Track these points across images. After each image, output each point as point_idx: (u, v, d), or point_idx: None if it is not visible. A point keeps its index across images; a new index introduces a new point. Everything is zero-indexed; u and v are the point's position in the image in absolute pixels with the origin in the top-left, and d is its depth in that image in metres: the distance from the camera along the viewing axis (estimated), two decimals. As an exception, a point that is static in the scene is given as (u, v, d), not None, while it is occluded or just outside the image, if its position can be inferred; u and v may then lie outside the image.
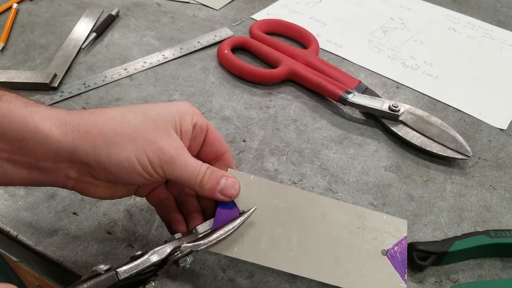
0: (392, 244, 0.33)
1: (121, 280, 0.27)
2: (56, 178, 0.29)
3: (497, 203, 0.42)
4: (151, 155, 0.28)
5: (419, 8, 0.70)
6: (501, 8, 0.71)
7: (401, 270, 0.32)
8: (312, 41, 0.58)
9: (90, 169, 0.29)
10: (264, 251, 0.31)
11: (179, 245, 0.30)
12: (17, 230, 0.37)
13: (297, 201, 0.33)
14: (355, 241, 0.32)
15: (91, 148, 0.28)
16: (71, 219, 0.38)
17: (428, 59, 0.60)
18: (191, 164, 0.30)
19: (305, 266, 0.31)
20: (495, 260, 0.38)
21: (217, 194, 0.31)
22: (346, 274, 0.31)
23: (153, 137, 0.29)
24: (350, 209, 0.34)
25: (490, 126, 0.51)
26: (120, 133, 0.28)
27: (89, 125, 0.28)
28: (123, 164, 0.28)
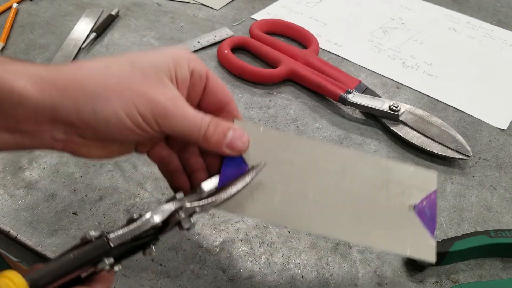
0: (420, 199, 0.30)
1: (114, 248, 0.25)
2: (41, 141, 0.26)
3: (498, 203, 0.42)
4: (142, 108, 0.25)
5: (419, 8, 0.70)
6: (501, 8, 0.71)
7: (430, 226, 0.29)
8: (312, 41, 0.58)
9: (76, 129, 0.25)
10: (277, 208, 0.29)
11: (181, 205, 0.27)
12: (17, 230, 0.37)
13: (313, 154, 0.30)
14: (378, 197, 0.30)
15: (73, 106, 0.24)
16: (71, 219, 0.38)
17: (428, 59, 0.60)
18: (191, 116, 0.27)
19: (322, 223, 0.29)
20: (496, 260, 0.38)
21: (224, 148, 0.28)
22: (368, 232, 0.29)
23: (143, 87, 0.25)
24: (373, 161, 0.31)
25: (490, 126, 0.50)
26: (103, 86, 0.25)
27: (69, 80, 0.24)
28: (110, 120, 0.25)
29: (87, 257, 0.24)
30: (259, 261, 0.36)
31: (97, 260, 0.25)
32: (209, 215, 0.39)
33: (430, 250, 0.29)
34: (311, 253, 0.37)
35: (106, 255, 0.25)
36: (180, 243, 0.37)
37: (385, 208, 0.30)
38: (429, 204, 0.30)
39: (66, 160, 0.43)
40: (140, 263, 0.36)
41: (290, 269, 0.36)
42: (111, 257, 0.25)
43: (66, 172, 0.42)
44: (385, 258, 0.37)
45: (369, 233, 0.29)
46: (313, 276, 0.36)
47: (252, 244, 0.38)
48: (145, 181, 0.42)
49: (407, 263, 0.37)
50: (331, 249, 0.38)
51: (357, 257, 0.37)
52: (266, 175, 0.29)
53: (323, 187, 0.30)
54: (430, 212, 0.30)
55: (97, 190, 0.41)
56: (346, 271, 0.36)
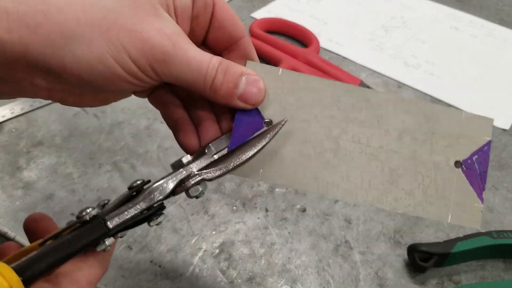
0: (470, 153, 0.26)
1: (113, 229, 0.22)
2: (22, 89, 0.22)
3: (500, 204, 0.42)
4: (133, 51, 0.20)
5: (420, 7, 0.69)
6: (504, 7, 0.71)
7: (479, 186, 0.26)
8: (312, 40, 0.58)
9: (57, 76, 0.21)
10: (298, 170, 0.25)
11: (187, 174, 0.24)
12: (15, 231, 0.37)
13: (343, 100, 0.26)
14: (420, 152, 0.26)
15: (48, 49, 0.19)
16: (69, 220, 0.38)
17: (429, 58, 0.59)
18: (196, 59, 0.22)
19: (351, 187, 0.25)
20: (498, 261, 0.37)
21: (236, 101, 0.23)
22: (404, 196, 0.25)
23: (134, 22, 0.20)
24: (416, 108, 0.26)
25: (492, 126, 0.50)
26: (84, 22, 0.20)
27: (40, 14, 0.19)
28: (95, 67, 0.20)
29: (83, 242, 0.22)
30: (259, 262, 0.36)
31: (96, 243, 0.22)
32: (208, 215, 0.39)
33: (475, 215, 0.25)
34: (312, 254, 0.37)
35: (104, 237, 0.22)
36: (179, 244, 0.37)
37: (427, 167, 0.25)
38: (480, 159, 0.26)
39: (64, 160, 0.43)
40: (139, 265, 0.35)
41: (291, 271, 0.36)
42: (110, 238, 0.22)
43: (64, 173, 0.42)
44: (386, 259, 0.37)
45: (405, 198, 0.25)
46: (313, 278, 0.35)
47: (252, 245, 0.37)
48: (144, 182, 0.41)
49: (408, 264, 0.36)
50: (332, 250, 0.37)
51: (358, 258, 0.37)
52: (286, 130, 0.25)
53: (353, 143, 0.26)
54: (481, 168, 0.26)
55: (96, 191, 0.40)
56: (347, 273, 0.36)
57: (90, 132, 0.46)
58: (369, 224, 0.39)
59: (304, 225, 0.39)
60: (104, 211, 0.23)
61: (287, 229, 0.39)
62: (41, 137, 0.45)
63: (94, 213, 0.22)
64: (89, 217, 0.22)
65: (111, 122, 0.47)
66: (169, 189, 0.23)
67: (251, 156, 0.24)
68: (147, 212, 0.23)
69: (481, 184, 0.26)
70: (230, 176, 0.43)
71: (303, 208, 0.40)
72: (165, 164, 0.43)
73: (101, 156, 0.43)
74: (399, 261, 0.37)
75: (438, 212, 0.25)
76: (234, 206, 0.40)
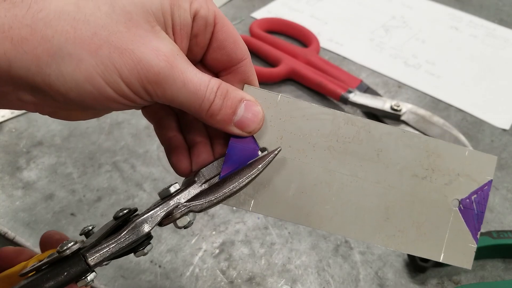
0: (470, 192, 0.25)
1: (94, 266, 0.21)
2: (8, 102, 0.20)
3: (500, 204, 0.42)
4: (125, 72, 0.19)
5: (421, 7, 0.69)
6: (504, 7, 0.71)
7: (475, 227, 0.25)
8: (312, 40, 0.58)
9: (44, 93, 0.19)
10: (291, 202, 0.24)
11: (175, 206, 0.23)
12: (15, 231, 0.37)
13: (343, 131, 0.24)
14: (418, 188, 0.25)
15: (34, 65, 0.18)
16: (69, 220, 0.38)
17: (430, 58, 0.59)
18: (193, 82, 0.20)
19: (345, 223, 0.24)
20: (497, 261, 0.37)
21: (232, 127, 0.22)
22: (398, 233, 0.24)
23: (127, 41, 0.19)
24: (418, 142, 0.25)
25: (492, 126, 0.50)
26: (73, 38, 0.18)
27: (26, 28, 0.18)
28: (83, 87, 0.19)
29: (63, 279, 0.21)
30: (259, 262, 0.36)
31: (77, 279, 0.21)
32: (208, 215, 0.39)
33: (467, 255, 0.25)
34: (312, 255, 0.37)
35: (85, 274, 0.21)
36: (179, 244, 0.37)
37: (424, 204, 0.25)
38: (479, 198, 0.25)
39: (64, 160, 0.43)
40: (139, 265, 0.35)
41: (291, 271, 0.36)
42: (92, 273, 0.22)
43: (64, 173, 0.42)
44: (386, 259, 0.37)
45: (399, 235, 0.25)
46: (314, 278, 0.35)
47: (252, 245, 0.37)
48: (144, 182, 0.41)
49: (408, 264, 0.36)
50: (332, 250, 0.37)
51: (358, 259, 0.37)
52: (281, 159, 0.24)
53: (350, 177, 0.25)
54: (478, 208, 0.25)
55: (96, 191, 0.40)
56: (347, 273, 0.36)
57: (90, 132, 0.46)
58: (369, 224, 0.39)
59: (304, 225, 0.39)
60: (87, 245, 0.22)
61: (287, 229, 0.39)
62: (41, 137, 0.45)
63: (76, 248, 0.21)
64: (70, 253, 0.21)
65: (111, 122, 0.47)
66: (155, 222, 0.22)
67: (243, 186, 0.23)
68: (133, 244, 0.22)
69: (477, 224, 0.25)
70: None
71: (303, 208, 0.40)
72: (164, 164, 0.43)
73: (101, 156, 0.43)
74: (399, 261, 0.37)
75: (431, 251, 0.25)
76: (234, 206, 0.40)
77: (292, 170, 0.24)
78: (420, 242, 0.25)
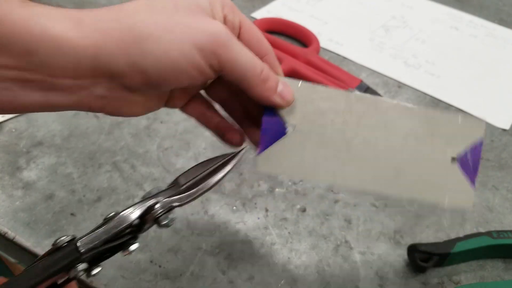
0: (465, 149, 0.30)
1: (84, 253, 0.23)
2: (79, 99, 0.23)
3: (500, 204, 0.42)
4: (199, 40, 0.22)
5: (421, 7, 0.69)
6: (504, 7, 0.71)
7: (471, 175, 0.30)
8: (312, 40, 0.58)
9: (121, 79, 0.23)
10: (313, 163, 0.29)
11: (155, 201, 0.25)
12: (15, 231, 0.37)
13: (355, 108, 0.29)
14: (421, 150, 0.30)
15: (120, 49, 0.22)
16: (69, 220, 0.38)
17: (430, 58, 0.59)
18: (249, 51, 0.24)
19: (361, 178, 0.29)
20: (498, 261, 0.37)
21: (276, 96, 0.26)
22: (408, 184, 0.29)
23: (196, 20, 0.23)
24: (419, 113, 0.30)
25: (492, 126, 0.50)
26: (151, 24, 0.22)
27: (112, 22, 0.22)
28: (162, 62, 0.22)
29: (56, 267, 0.23)
30: (259, 262, 0.36)
31: (68, 267, 0.23)
32: (208, 215, 0.39)
33: (468, 198, 0.30)
34: (312, 254, 0.37)
35: (77, 262, 0.23)
36: (179, 244, 0.37)
37: (427, 162, 0.29)
38: (472, 153, 0.30)
39: (64, 160, 0.43)
40: (139, 265, 0.35)
41: (291, 271, 0.36)
42: (84, 263, 0.24)
43: (64, 173, 0.42)
44: (386, 259, 0.37)
45: (408, 186, 0.29)
46: (313, 278, 0.35)
47: (252, 245, 0.37)
48: (144, 181, 0.41)
49: (409, 264, 0.36)
50: (332, 250, 0.37)
51: (358, 258, 0.37)
52: (304, 132, 0.29)
53: (363, 142, 0.29)
54: (473, 161, 0.30)
55: (96, 191, 0.40)
56: (347, 273, 0.36)
57: (90, 132, 0.46)
58: (369, 224, 0.39)
59: (304, 225, 0.39)
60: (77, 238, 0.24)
61: (287, 229, 0.39)
62: (41, 137, 0.45)
63: (68, 240, 0.23)
64: (63, 244, 0.23)
65: (111, 122, 0.47)
66: (136, 214, 0.25)
67: (217, 181, 0.26)
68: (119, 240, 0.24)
69: (473, 173, 0.30)
70: (230, 176, 0.43)
71: (303, 208, 0.40)
72: (165, 164, 0.43)
73: (101, 156, 0.43)
74: (399, 261, 0.37)
75: (437, 197, 0.30)
76: (234, 206, 0.40)
77: (316, 141, 0.29)
78: (427, 191, 0.30)
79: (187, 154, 0.44)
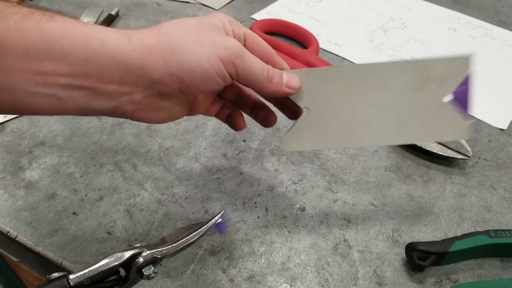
0: (456, 86, 0.32)
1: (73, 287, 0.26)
2: (117, 104, 0.27)
3: (497, 203, 0.42)
4: (221, 52, 0.27)
5: (419, 8, 0.70)
6: (502, 8, 0.71)
7: (465, 108, 0.32)
8: (312, 41, 0.58)
9: (159, 86, 0.27)
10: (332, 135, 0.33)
11: (140, 251, 0.28)
12: (17, 230, 0.37)
13: (354, 78, 0.33)
14: (418, 97, 0.32)
15: (161, 60, 0.26)
16: (71, 219, 0.38)
17: (428, 59, 0.60)
18: (257, 59, 0.29)
19: (371, 137, 0.33)
20: (495, 260, 0.38)
21: (284, 87, 0.31)
22: (412, 131, 0.33)
23: (217, 37, 0.28)
24: (410, 65, 0.32)
25: (490, 126, 0.50)
26: (185, 39, 0.27)
27: (154, 38, 0.27)
28: (195, 70, 0.27)
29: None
30: (259, 261, 0.36)
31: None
32: (208, 214, 0.39)
33: (466, 130, 0.33)
34: (311, 253, 0.37)
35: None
36: (180, 243, 0.37)
37: (425, 106, 0.32)
38: (464, 88, 0.32)
39: (66, 160, 0.43)
40: (140, 263, 0.36)
41: (290, 269, 0.36)
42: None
43: (66, 172, 0.42)
44: (385, 258, 0.37)
45: (413, 132, 0.33)
46: (313, 276, 0.36)
47: (252, 244, 0.38)
48: (145, 181, 0.42)
49: (407, 263, 0.37)
50: (331, 249, 0.38)
51: (357, 257, 0.37)
52: (316, 110, 0.33)
53: (368, 105, 0.33)
54: (465, 95, 0.32)
55: (97, 190, 0.41)
56: (346, 271, 0.36)
57: (91, 132, 0.46)
58: (367, 223, 0.40)
59: (303, 224, 0.39)
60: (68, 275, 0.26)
61: (287, 228, 0.39)
62: (43, 137, 0.45)
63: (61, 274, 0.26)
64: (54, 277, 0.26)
65: (112, 122, 0.47)
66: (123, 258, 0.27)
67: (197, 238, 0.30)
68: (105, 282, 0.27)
69: (467, 108, 0.33)
70: (230, 175, 0.43)
71: (302, 207, 0.41)
72: (166, 164, 0.44)
73: (103, 156, 0.44)
74: (398, 260, 0.37)
75: (438, 136, 0.33)
76: (234, 205, 0.40)
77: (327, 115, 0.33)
78: (431, 132, 0.33)
79: (188, 154, 0.45)
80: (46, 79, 0.24)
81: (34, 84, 0.24)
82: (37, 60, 0.24)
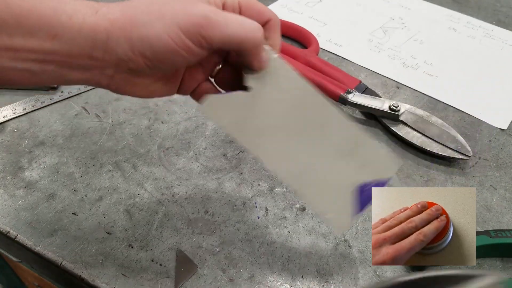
0: (373, 180, 0.31)
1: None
2: (91, 77, 0.27)
3: (498, 203, 0.42)
4: (182, 24, 0.26)
5: (419, 8, 0.70)
6: (501, 8, 0.71)
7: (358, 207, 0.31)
8: (312, 41, 0.58)
9: (126, 62, 0.26)
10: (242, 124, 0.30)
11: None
12: (17, 230, 0.37)
13: (306, 101, 0.31)
14: (336, 162, 0.31)
15: (123, 35, 0.25)
16: (71, 219, 0.38)
17: (428, 59, 0.60)
18: (236, 20, 0.27)
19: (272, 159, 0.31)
20: (495, 260, 0.38)
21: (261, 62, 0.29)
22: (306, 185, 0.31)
23: (181, 8, 0.26)
24: (353, 132, 0.32)
25: (490, 126, 0.50)
26: (147, 12, 0.26)
27: (117, 12, 0.26)
28: (155, 44, 0.26)
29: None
30: (259, 261, 0.36)
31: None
32: (208, 214, 0.39)
33: (344, 224, 0.32)
34: (311, 253, 0.37)
35: None
36: (180, 243, 0.37)
37: (334, 173, 0.31)
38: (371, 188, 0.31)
39: (66, 160, 0.43)
40: (140, 264, 0.36)
41: (290, 269, 0.36)
42: None
43: (66, 172, 0.42)
44: (385, 258, 0.37)
45: (307, 186, 0.31)
46: (313, 276, 0.36)
47: (252, 244, 0.38)
48: (145, 181, 0.42)
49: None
50: (331, 249, 0.38)
51: (357, 257, 0.37)
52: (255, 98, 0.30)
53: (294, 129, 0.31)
54: (367, 196, 0.31)
55: (97, 190, 0.41)
56: (346, 271, 0.36)
57: (91, 132, 0.46)
58: (367, 223, 0.40)
59: (303, 224, 0.39)
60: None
61: (287, 228, 0.39)
62: (43, 137, 0.45)
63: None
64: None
65: (112, 122, 0.47)
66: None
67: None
68: None
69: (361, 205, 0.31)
70: (230, 176, 0.43)
71: (302, 207, 0.41)
72: (166, 164, 0.43)
73: (103, 156, 0.44)
74: (398, 260, 0.37)
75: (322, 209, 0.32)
76: (234, 205, 0.40)
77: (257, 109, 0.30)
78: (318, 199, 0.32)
79: (188, 154, 0.45)
80: (18, 55, 0.25)
81: (7, 59, 0.24)
82: (7, 35, 0.24)
